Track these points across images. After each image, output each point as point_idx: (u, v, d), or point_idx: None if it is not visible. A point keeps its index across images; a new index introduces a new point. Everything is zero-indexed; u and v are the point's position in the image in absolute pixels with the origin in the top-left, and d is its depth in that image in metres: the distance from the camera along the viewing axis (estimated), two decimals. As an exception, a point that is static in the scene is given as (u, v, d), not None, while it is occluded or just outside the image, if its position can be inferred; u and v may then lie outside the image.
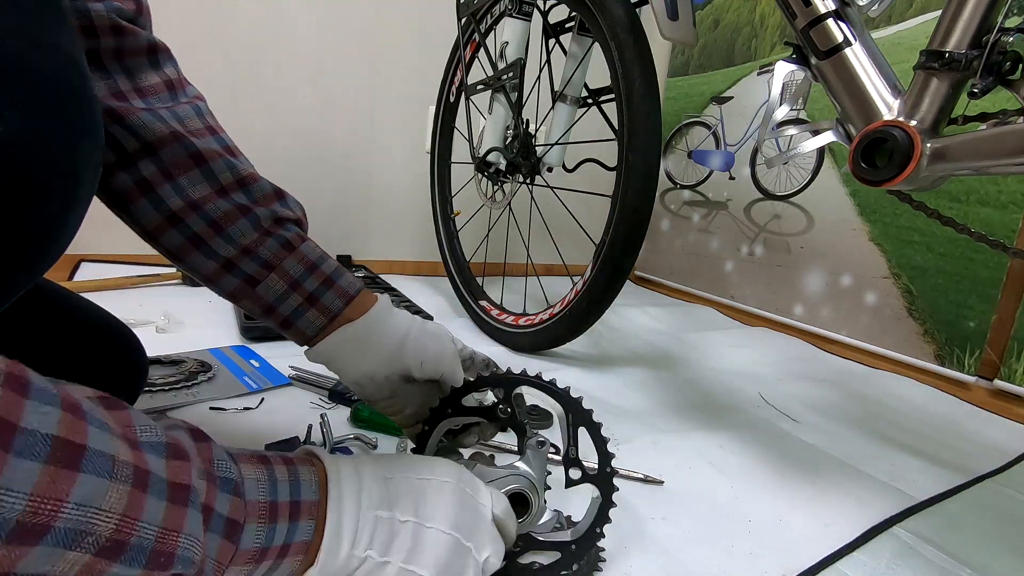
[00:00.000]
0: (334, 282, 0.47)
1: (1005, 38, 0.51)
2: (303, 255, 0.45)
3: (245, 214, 0.43)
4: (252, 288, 0.44)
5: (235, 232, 0.43)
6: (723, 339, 1.30)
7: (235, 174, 0.43)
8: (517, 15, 1.08)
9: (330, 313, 0.46)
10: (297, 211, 0.47)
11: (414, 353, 0.48)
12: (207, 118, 0.44)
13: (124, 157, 0.39)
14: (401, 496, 0.35)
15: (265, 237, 0.44)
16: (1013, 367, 1.00)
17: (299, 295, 0.45)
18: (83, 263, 1.32)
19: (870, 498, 0.66)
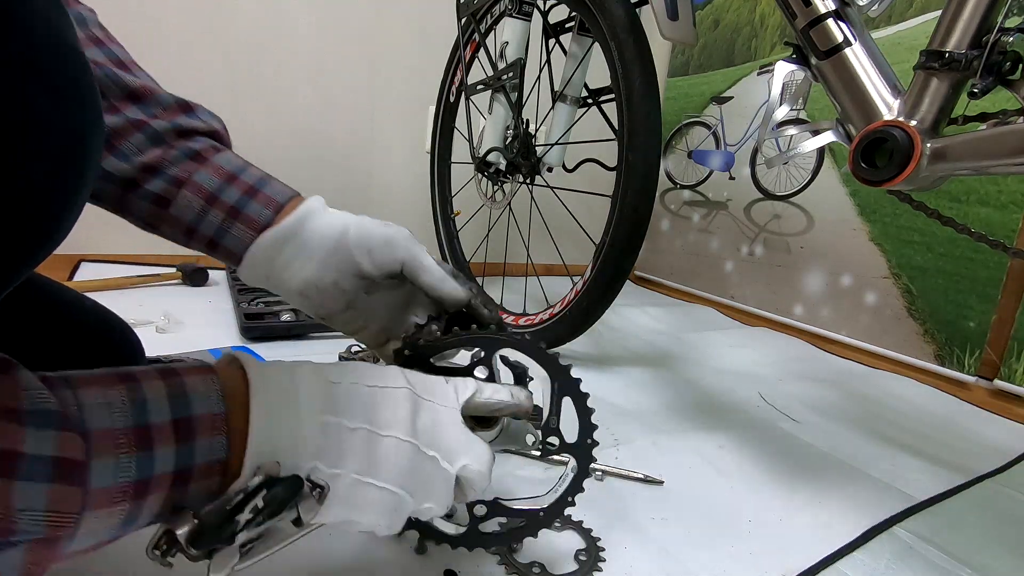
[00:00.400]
0: (259, 191, 0.41)
1: (1005, 38, 0.51)
2: (218, 166, 0.41)
3: (139, 128, 0.39)
4: (165, 210, 0.40)
5: (129, 148, 0.38)
6: (723, 339, 1.30)
7: (123, 87, 0.39)
8: (517, 15, 1.08)
9: (259, 225, 0.41)
10: (213, 123, 0.43)
11: (358, 242, 0.42)
12: (93, 28, 0.39)
13: None
14: (349, 402, 0.31)
15: (169, 150, 0.39)
16: (1013, 367, 1.00)
17: (218, 210, 0.40)
18: (83, 263, 1.32)
19: (870, 498, 0.66)
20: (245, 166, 0.42)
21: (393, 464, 0.31)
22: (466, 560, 0.48)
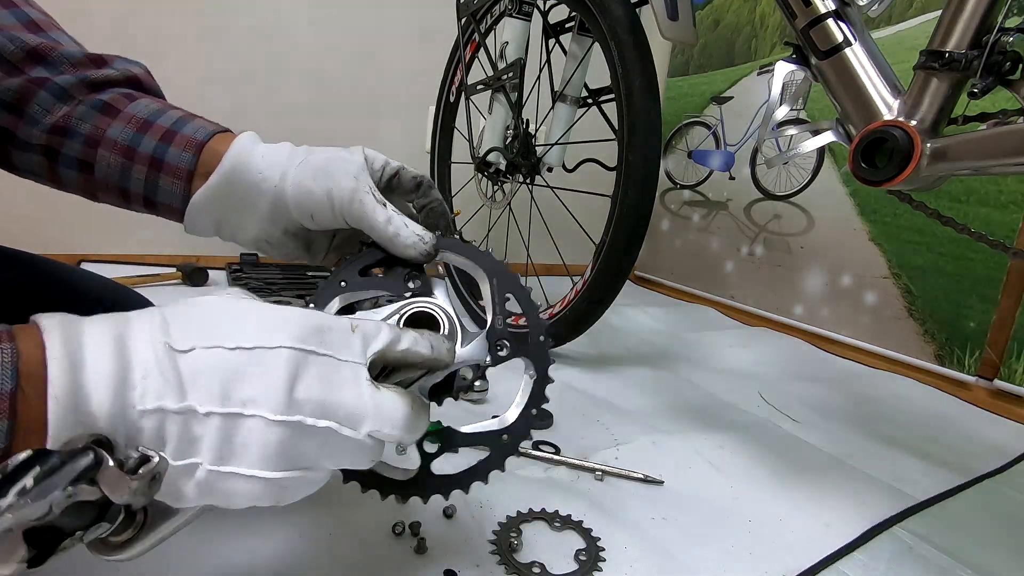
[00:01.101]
0: (176, 133, 0.38)
1: (1005, 38, 0.51)
2: (131, 115, 0.37)
3: (42, 86, 0.36)
4: (91, 175, 0.38)
5: (36, 111, 0.36)
6: (723, 339, 1.30)
7: (22, 46, 0.36)
8: (517, 15, 1.08)
9: (183, 172, 0.38)
10: (131, 68, 0.39)
11: (296, 205, 0.38)
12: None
13: None
14: (199, 378, 0.25)
15: (76, 106, 0.37)
16: (1013, 367, 1.00)
17: (139, 164, 0.37)
18: (83, 263, 1.32)
19: (870, 498, 0.66)
20: (163, 109, 0.38)
21: (259, 450, 0.25)
22: (466, 560, 0.48)
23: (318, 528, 0.49)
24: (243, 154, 0.38)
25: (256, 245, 0.40)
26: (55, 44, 0.37)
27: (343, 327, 0.29)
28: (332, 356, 0.28)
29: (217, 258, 1.45)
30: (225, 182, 0.37)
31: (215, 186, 0.37)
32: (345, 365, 0.28)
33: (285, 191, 0.37)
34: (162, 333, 0.25)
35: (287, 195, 0.37)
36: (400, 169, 0.41)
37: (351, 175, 0.37)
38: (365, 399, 0.28)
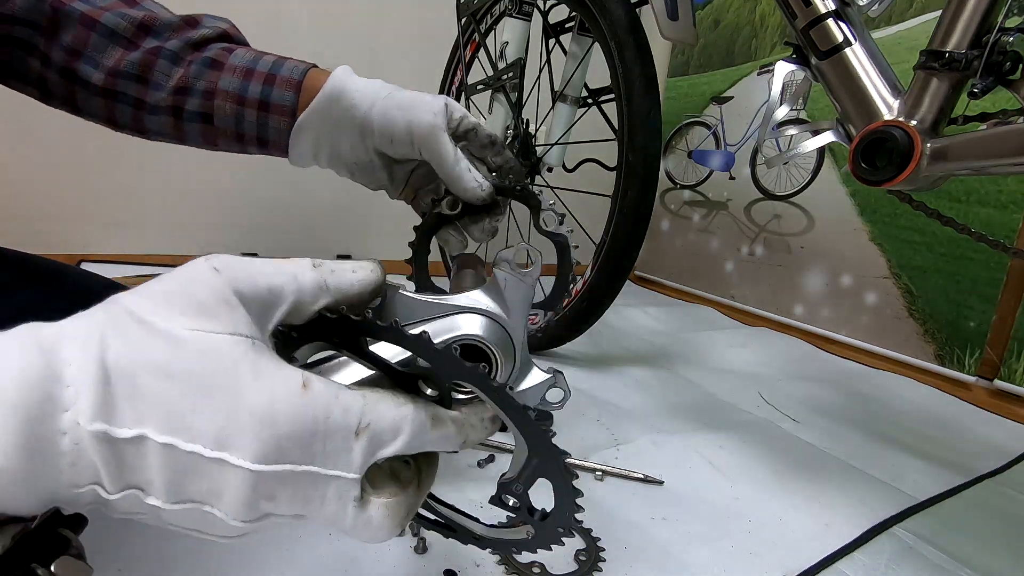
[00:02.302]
0: (275, 76, 0.43)
1: (1005, 38, 0.51)
2: (234, 66, 0.43)
3: (158, 55, 0.41)
4: (212, 125, 0.43)
5: (158, 77, 0.41)
6: (723, 339, 1.30)
7: (132, 21, 0.41)
8: (517, 15, 1.08)
9: (287, 110, 0.43)
10: (220, 25, 0.44)
11: (380, 130, 0.42)
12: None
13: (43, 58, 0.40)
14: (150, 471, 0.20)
15: (189, 66, 0.42)
16: (1013, 367, 1.00)
17: (250, 108, 0.43)
18: (83, 263, 1.32)
19: (870, 498, 0.66)
20: (258, 57, 0.43)
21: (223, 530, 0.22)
22: (466, 560, 0.48)
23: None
24: (339, 84, 0.42)
25: (348, 170, 0.44)
26: (153, 14, 0.42)
27: (345, 430, 0.22)
28: (317, 471, 0.22)
29: (217, 258, 1.45)
30: (324, 107, 0.42)
31: (314, 110, 0.42)
32: (332, 482, 0.22)
33: (372, 118, 0.42)
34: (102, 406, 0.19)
35: (373, 121, 0.42)
36: (476, 126, 0.44)
37: (431, 112, 0.41)
38: (345, 520, 0.23)
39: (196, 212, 1.44)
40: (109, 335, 0.20)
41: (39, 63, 0.40)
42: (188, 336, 0.20)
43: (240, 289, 0.22)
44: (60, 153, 1.29)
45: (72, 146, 1.28)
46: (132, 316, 0.21)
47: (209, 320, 0.21)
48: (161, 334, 0.20)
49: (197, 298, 0.21)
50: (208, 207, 1.45)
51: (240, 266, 0.23)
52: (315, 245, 1.59)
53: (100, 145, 1.31)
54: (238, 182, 1.47)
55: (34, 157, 1.27)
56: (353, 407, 0.22)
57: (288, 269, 0.24)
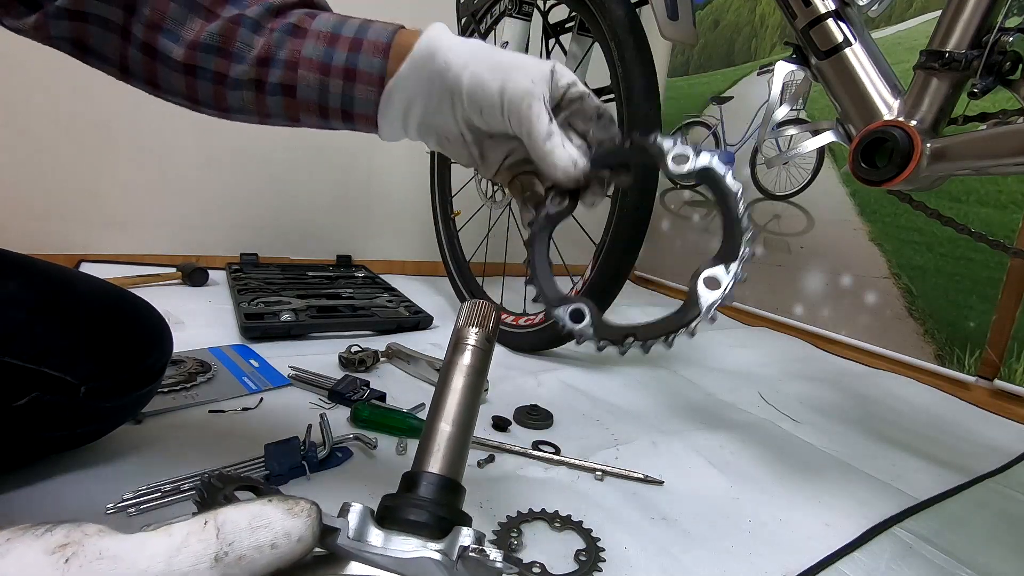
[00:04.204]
0: (362, 40, 0.39)
1: (1005, 38, 0.51)
2: (318, 31, 0.39)
3: (239, 23, 0.38)
4: (294, 98, 0.40)
5: (242, 46, 0.39)
6: (723, 339, 1.30)
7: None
8: (517, 15, 1.08)
9: (376, 79, 0.39)
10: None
11: (470, 96, 0.37)
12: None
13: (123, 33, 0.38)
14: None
15: (271, 34, 0.39)
16: (1013, 367, 1.00)
17: (335, 77, 0.39)
18: (83, 263, 1.32)
19: (870, 498, 0.66)
20: (342, 20, 0.40)
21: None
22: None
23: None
24: (432, 43, 0.38)
25: (438, 141, 0.41)
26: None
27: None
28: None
29: (217, 258, 1.45)
30: (415, 69, 0.38)
31: (405, 74, 0.38)
32: None
33: (462, 80, 0.37)
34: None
35: (463, 84, 0.37)
36: (585, 95, 0.39)
37: (529, 78, 0.36)
38: None
39: (196, 212, 1.44)
40: None
41: (118, 38, 0.38)
42: None
43: None
44: (60, 153, 1.29)
45: (72, 146, 1.28)
46: None
47: None
48: None
49: None
50: (208, 207, 1.45)
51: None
52: (315, 245, 1.59)
53: (100, 145, 1.31)
54: (238, 182, 1.47)
55: (34, 157, 1.27)
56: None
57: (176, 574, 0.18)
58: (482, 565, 0.25)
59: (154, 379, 0.57)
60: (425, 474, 0.30)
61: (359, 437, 0.64)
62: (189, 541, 0.19)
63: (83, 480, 0.52)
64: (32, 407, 0.46)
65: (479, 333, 0.35)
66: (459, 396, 0.33)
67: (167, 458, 0.57)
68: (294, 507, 0.21)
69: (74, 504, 0.49)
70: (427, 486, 0.30)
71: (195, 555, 0.18)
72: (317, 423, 0.65)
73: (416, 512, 0.28)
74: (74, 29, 0.38)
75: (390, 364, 0.92)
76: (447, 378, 0.34)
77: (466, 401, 0.33)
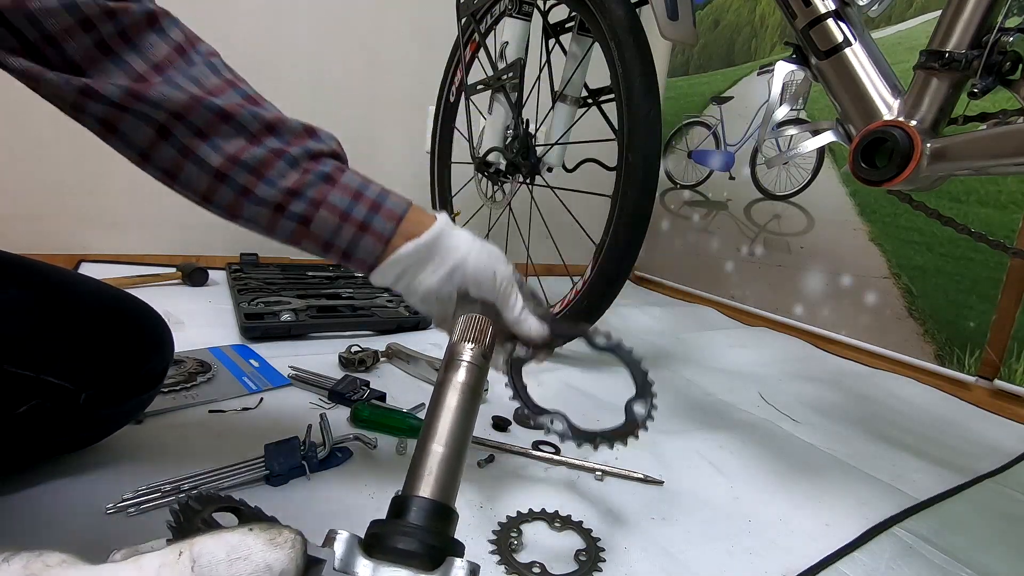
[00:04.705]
0: (381, 205, 0.47)
1: (1005, 38, 0.51)
2: (346, 185, 0.46)
3: (280, 156, 0.44)
4: (307, 228, 0.46)
5: (276, 175, 0.44)
6: (723, 339, 1.30)
7: (263, 121, 0.44)
8: (517, 15, 1.08)
9: (384, 237, 0.47)
10: (332, 144, 0.48)
11: (472, 273, 0.48)
12: (224, 73, 0.44)
13: (160, 129, 0.41)
14: None
15: (305, 175, 0.45)
16: (1013, 367, 1.00)
17: (351, 225, 0.46)
18: (83, 263, 1.32)
19: (870, 498, 0.66)
20: (366, 183, 0.47)
21: None
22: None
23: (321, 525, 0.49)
24: (444, 228, 0.48)
25: (425, 300, 0.49)
26: (280, 116, 0.45)
27: None
28: None
29: (217, 258, 1.45)
30: (426, 245, 0.47)
31: (419, 246, 0.47)
32: None
33: (468, 261, 0.48)
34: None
35: (468, 266, 0.48)
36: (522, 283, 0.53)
37: (509, 268, 0.50)
38: None
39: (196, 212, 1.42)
40: None
41: (154, 132, 0.41)
42: None
43: None
44: (60, 153, 1.29)
45: (72, 146, 1.28)
46: None
47: None
48: None
49: None
50: (208, 207, 1.45)
51: None
52: (315, 245, 1.59)
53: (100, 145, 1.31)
54: (238, 182, 1.47)
55: (34, 157, 1.27)
56: None
57: None
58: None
59: (155, 384, 0.57)
60: (415, 499, 0.29)
61: (359, 437, 0.64)
62: (161, 574, 0.18)
63: (83, 480, 0.52)
64: (32, 414, 0.47)
65: (474, 349, 0.37)
66: (452, 415, 0.33)
67: (167, 458, 0.57)
68: (276, 537, 0.21)
69: (74, 504, 0.49)
70: (417, 512, 0.29)
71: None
72: (317, 423, 0.65)
73: (405, 541, 0.27)
74: (110, 114, 0.40)
75: (390, 364, 0.92)
76: (440, 396, 0.34)
77: (460, 421, 0.33)
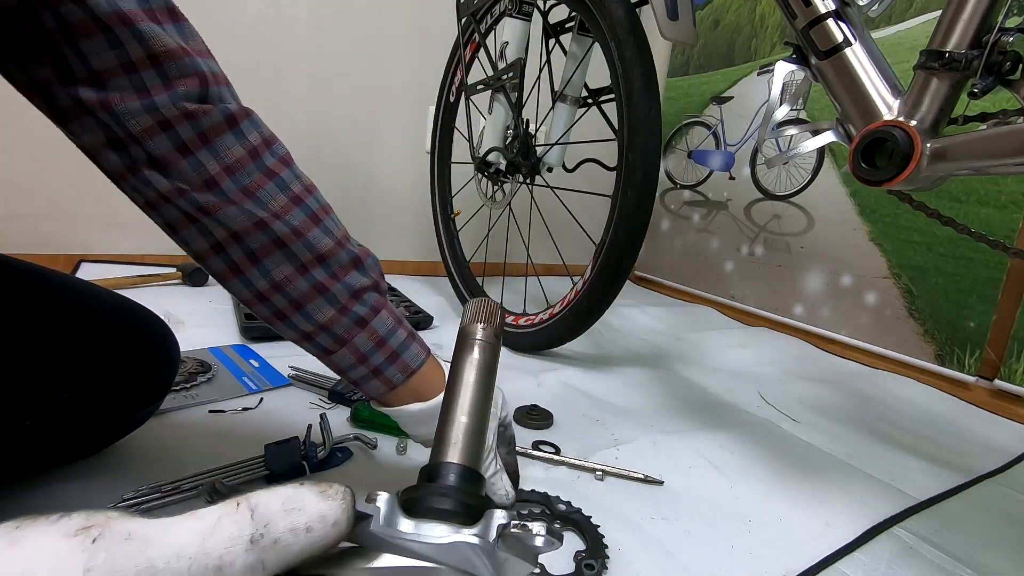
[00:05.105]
0: (399, 356, 0.48)
1: (1005, 38, 0.51)
2: (373, 330, 0.47)
3: (323, 293, 0.45)
4: (327, 356, 0.48)
5: (313, 310, 0.45)
6: (723, 339, 1.30)
7: (315, 252, 0.44)
8: (517, 15, 1.08)
9: (392, 384, 0.49)
10: (374, 274, 0.49)
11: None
12: (292, 187, 0.44)
13: (216, 245, 0.42)
14: None
15: (341, 316, 0.46)
16: (1013, 367, 1.00)
17: (366, 367, 0.48)
18: (83, 263, 1.32)
19: (870, 498, 0.66)
20: (394, 329, 0.48)
21: None
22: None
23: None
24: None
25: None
26: (334, 249, 0.45)
27: None
28: None
29: (217, 258, 1.45)
30: (430, 410, 0.48)
31: (422, 410, 0.49)
32: None
33: None
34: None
35: None
36: (509, 423, 0.55)
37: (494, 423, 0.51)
38: None
39: (196, 212, 1.44)
40: None
41: (209, 247, 0.42)
42: None
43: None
44: (60, 153, 1.29)
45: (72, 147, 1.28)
46: None
47: None
48: None
49: None
50: (208, 207, 1.45)
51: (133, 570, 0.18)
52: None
53: (100, 145, 1.31)
54: (238, 182, 1.47)
55: (34, 157, 1.27)
56: None
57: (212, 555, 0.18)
58: (522, 542, 0.24)
59: (161, 396, 0.58)
60: (445, 464, 0.30)
61: (359, 437, 0.64)
62: (222, 523, 0.18)
63: (83, 480, 0.52)
64: (38, 426, 0.47)
65: (486, 329, 0.37)
66: (472, 389, 0.34)
67: (167, 458, 0.57)
68: (327, 490, 0.21)
69: (74, 504, 0.49)
70: (449, 476, 0.29)
71: (229, 537, 0.18)
72: (317, 423, 0.65)
73: (442, 500, 0.27)
74: (178, 220, 0.41)
75: (390, 364, 0.92)
76: (458, 374, 0.35)
77: (480, 394, 0.34)
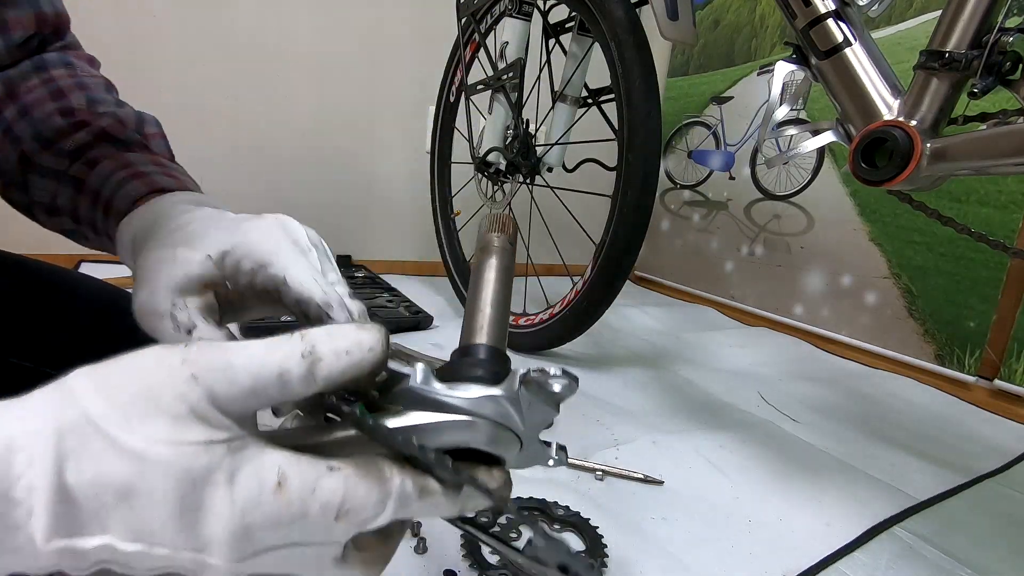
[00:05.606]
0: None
1: (1005, 38, 0.51)
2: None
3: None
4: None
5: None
6: (723, 339, 1.30)
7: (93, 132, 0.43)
8: (517, 15, 1.08)
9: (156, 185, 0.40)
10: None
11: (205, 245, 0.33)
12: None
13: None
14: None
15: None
16: (1013, 367, 1.00)
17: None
18: (83, 263, 1.32)
19: (870, 498, 0.66)
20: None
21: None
22: (465, 561, 0.48)
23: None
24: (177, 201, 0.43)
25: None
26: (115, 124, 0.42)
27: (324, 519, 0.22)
28: (297, 544, 0.22)
29: (217, 258, 1.45)
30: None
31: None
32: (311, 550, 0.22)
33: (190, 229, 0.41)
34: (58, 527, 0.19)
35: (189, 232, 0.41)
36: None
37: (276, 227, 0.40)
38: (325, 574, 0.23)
39: (196, 212, 1.44)
40: (67, 449, 0.19)
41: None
42: (156, 454, 0.19)
43: (218, 395, 0.20)
44: (60, 153, 1.29)
45: (72, 146, 1.28)
46: (93, 427, 0.19)
47: (182, 431, 0.20)
48: (126, 452, 0.19)
49: (170, 412, 0.20)
50: (208, 207, 1.45)
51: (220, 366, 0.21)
52: (315, 245, 1.59)
53: (100, 145, 1.31)
54: (237, 182, 1.47)
55: (34, 157, 1.27)
56: (332, 500, 0.22)
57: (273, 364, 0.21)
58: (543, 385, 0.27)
59: None
60: (474, 345, 0.32)
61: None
62: (279, 342, 0.22)
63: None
64: None
65: (502, 237, 0.39)
66: (493, 285, 0.36)
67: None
68: (364, 324, 0.24)
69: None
70: (479, 352, 0.32)
71: (286, 351, 0.22)
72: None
73: (473, 369, 0.30)
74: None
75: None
76: (480, 273, 0.37)
77: (501, 289, 0.36)
